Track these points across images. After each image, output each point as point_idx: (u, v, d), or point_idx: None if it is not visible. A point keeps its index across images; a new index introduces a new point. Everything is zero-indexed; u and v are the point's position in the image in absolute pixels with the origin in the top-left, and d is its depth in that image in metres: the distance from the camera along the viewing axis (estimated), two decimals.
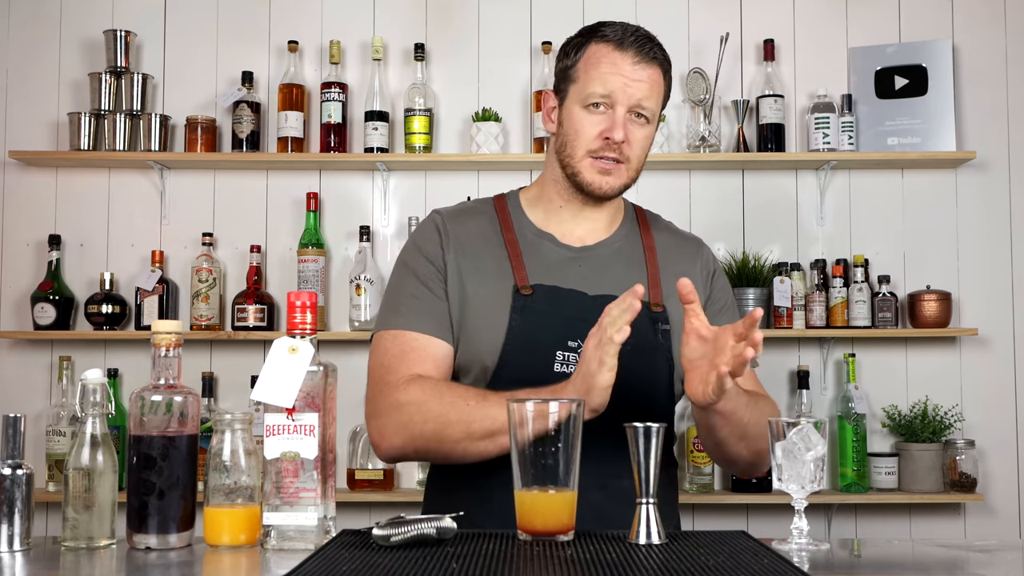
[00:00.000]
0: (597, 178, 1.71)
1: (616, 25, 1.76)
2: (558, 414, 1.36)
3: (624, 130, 1.68)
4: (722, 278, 1.91)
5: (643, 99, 1.70)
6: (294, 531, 1.38)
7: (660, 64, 1.74)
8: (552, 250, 1.76)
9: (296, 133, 3.22)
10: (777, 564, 1.22)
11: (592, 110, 1.70)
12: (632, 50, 1.71)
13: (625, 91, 1.69)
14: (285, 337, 1.43)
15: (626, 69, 1.70)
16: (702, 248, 1.92)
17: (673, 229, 1.93)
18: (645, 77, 1.70)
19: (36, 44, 3.34)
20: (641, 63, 1.71)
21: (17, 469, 1.41)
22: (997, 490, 3.24)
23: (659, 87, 1.74)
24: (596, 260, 1.76)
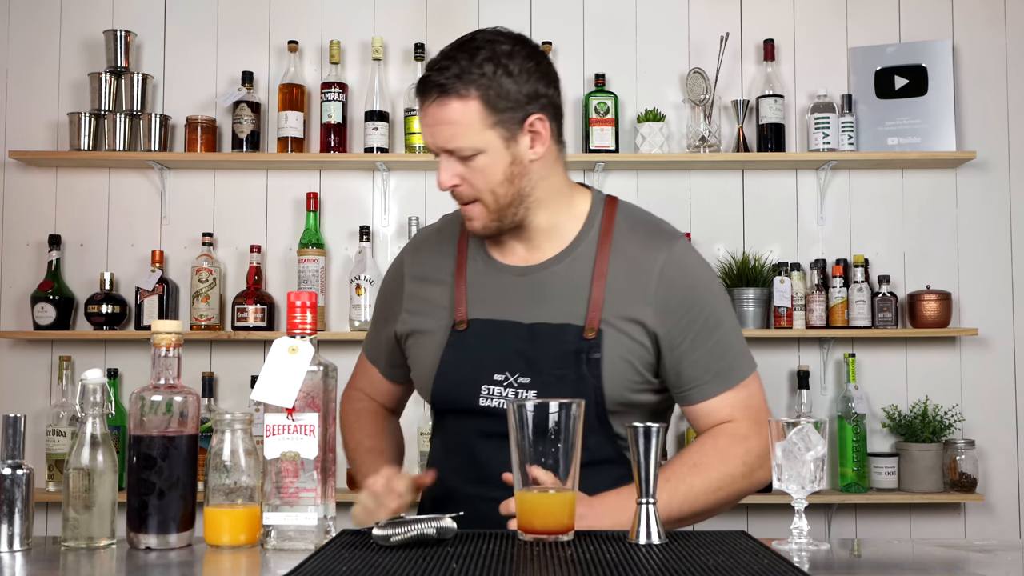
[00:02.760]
0: (468, 223, 1.68)
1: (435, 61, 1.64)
2: (558, 414, 1.36)
3: (448, 175, 1.63)
4: (696, 295, 1.67)
5: (446, 143, 1.60)
6: (294, 531, 1.38)
7: (455, 95, 1.58)
8: (496, 275, 1.72)
9: (296, 133, 3.22)
10: (777, 564, 1.22)
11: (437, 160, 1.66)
12: (421, 97, 1.62)
13: (432, 140, 1.63)
14: (285, 337, 1.44)
15: (424, 119, 1.63)
16: (667, 259, 1.68)
17: (642, 233, 1.72)
18: (439, 119, 1.60)
19: (36, 44, 3.34)
20: (431, 106, 1.60)
21: (17, 469, 1.41)
22: (997, 490, 3.24)
23: (463, 118, 1.59)
24: (536, 284, 1.69)
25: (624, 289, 1.65)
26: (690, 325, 1.65)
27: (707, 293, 1.69)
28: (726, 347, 1.68)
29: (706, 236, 3.29)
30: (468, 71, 1.59)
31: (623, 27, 3.34)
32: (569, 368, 1.62)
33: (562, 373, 1.61)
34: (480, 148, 1.60)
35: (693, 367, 1.66)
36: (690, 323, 1.65)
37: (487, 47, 1.63)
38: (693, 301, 1.66)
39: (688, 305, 1.66)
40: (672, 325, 1.65)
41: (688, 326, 1.65)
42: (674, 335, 1.65)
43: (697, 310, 1.66)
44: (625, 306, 1.64)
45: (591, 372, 1.62)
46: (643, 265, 1.67)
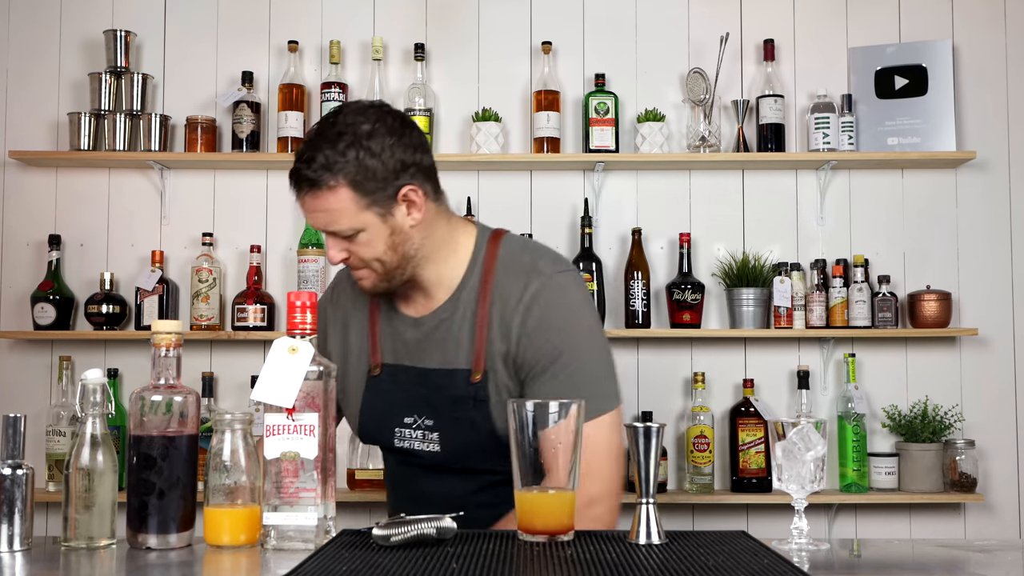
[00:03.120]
0: (360, 284, 1.78)
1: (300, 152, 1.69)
2: (558, 414, 1.36)
3: (337, 251, 1.71)
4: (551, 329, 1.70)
5: (327, 226, 1.69)
6: (294, 531, 1.38)
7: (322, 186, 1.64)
8: (398, 324, 1.83)
9: (296, 133, 3.22)
10: (777, 564, 1.22)
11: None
12: (295, 190, 1.69)
13: (314, 224, 1.72)
14: (285, 337, 1.44)
15: (302, 206, 1.70)
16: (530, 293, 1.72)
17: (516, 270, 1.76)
18: (316, 208, 1.67)
19: (36, 44, 3.34)
20: (307, 199, 1.68)
21: (17, 469, 1.41)
22: (997, 490, 3.24)
23: (338, 205, 1.65)
24: (429, 333, 1.79)
25: (498, 329, 1.73)
26: (540, 358, 1.70)
27: (564, 326, 1.71)
28: (578, 384, 1.69)
29: (706, 236, 3.29)
30: (333, 161, 1.64)
31: (623, 27, 3.34)
32: (462, 411, 1.74)
33: (458, 416, 1.74)
34: (358, 228, 1.68)
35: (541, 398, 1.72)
36: (541, 356, 1.70)
37: (348, 132, 1.67)
38: (547, 335, 1.70)
39: (542, 339, 1.70)
40: (527, 357, 1.71)
41: (538, 358, 1.70)
42: (529, 366, 1.71)
43: (550, 345, 1.70)
44: (499, 345, 1.72)
45: (480, 414, 1.72)
46: (511, 301, 1.73)
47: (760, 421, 3.11)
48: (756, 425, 3.11)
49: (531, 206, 3.29)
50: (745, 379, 3.20)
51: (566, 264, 1.81)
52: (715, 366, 3.26)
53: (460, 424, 1.74)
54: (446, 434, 1.76)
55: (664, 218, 3.29)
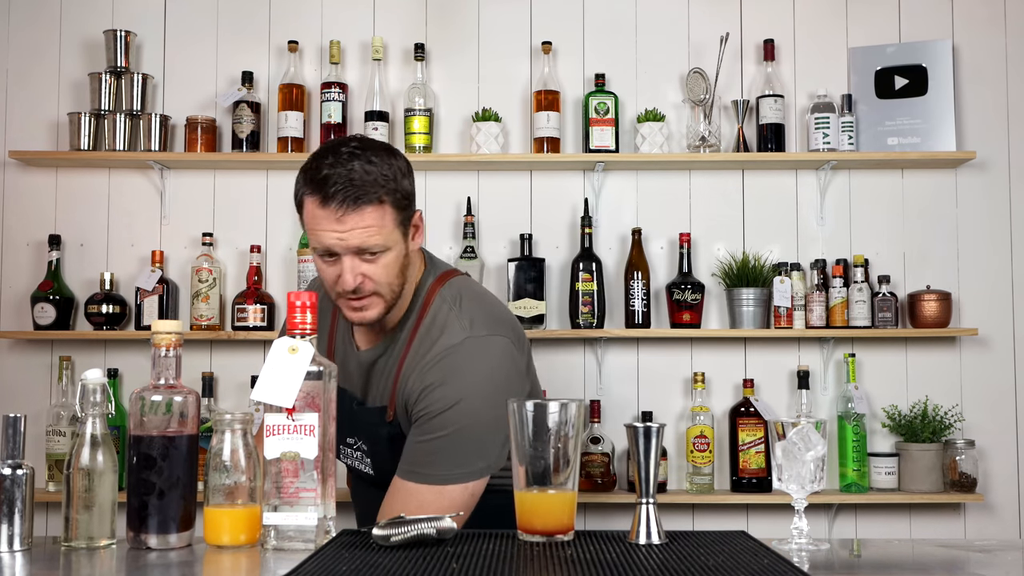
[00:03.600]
0: (353, 315, 1.77)
1: (327, 167, 1.68)
2: (558, 414, 1.36)
3: (354, 275, 1.71)
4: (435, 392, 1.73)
5: (362, 243, 1.69)
6: (294, 531, 1.38)
7: (372, 202, 1.68)
8: (349, 350, 1.91)
9: (296, 133, 3.22)
10: (777, 564, 1.22)
11: (325, 259, 1.73)
12: (334, 203, 1.67)
13: (341, 244, 1.69)
14: (285, 337, 1.43)
15: (333, 224, 1.68)
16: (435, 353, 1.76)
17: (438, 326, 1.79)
18: (357, 222, 1.68)
19: (36, 44, 3.34)
20: (349, 212, 1.67)
21: (17, 469, 1.41)
22: (997, 490, 3.24)
23: (380, 220, 1.69)
24: (361, 366, 1.88)
25: (408, 377, 1.78)
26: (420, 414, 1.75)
27: (451, 394, 1.72)
28: (439, 449, 1.73)
29: (706, 236, 3.29)
30: (384, 176, 1.69)
31: (623, 27, 3.34)
32: (382, 446, 1.84)
33: (380, 450, 1.86)
34: (389, 246, 1.72)
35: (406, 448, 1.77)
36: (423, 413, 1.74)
37: (384, 151, 1.73)
38: (432, 396, 1.73)
39: (428, 400, 1.74)
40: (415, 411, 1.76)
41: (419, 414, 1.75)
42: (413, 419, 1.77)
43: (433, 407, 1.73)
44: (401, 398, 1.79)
45: (394, 452, 1.81)
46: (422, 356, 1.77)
47: (760, 421, 3.11)
48: (756, 425, 3.11)
49: (531, 206, 3.29)
50: (745, 379, 3.20)
51: (490, 328, 1.79)
52: (715, 366, 3.26)
53: (385, 453, 1.85)
54: (376, 460, 1.88)
55: (664, 218, 3.29)
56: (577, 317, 3.14)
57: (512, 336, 1.82)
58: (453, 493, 1.71)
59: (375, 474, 1.90)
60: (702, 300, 3.17)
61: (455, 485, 1.72)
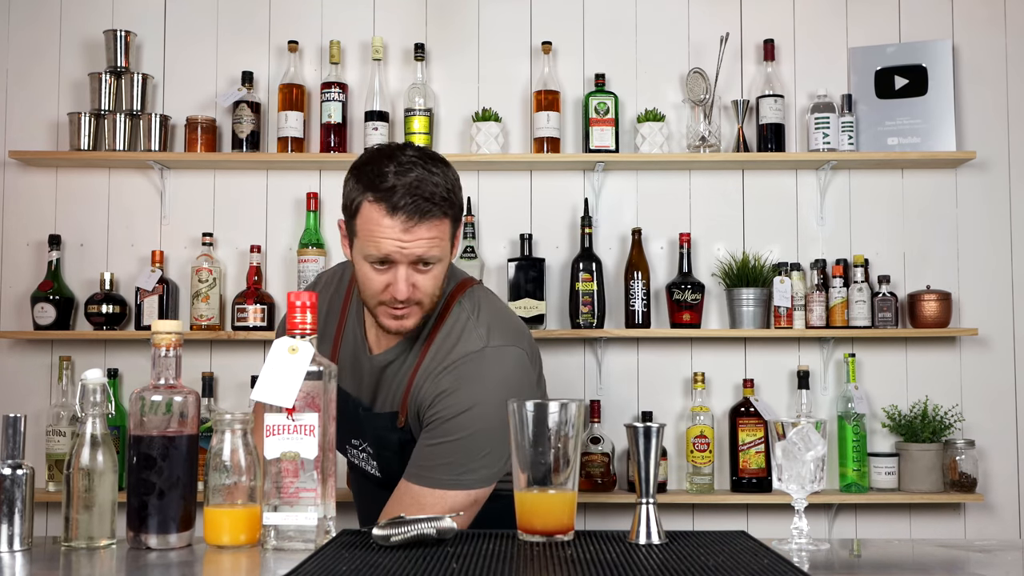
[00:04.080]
0: (392, 323, 1.77)
1: (389, 175, 1.68)
2: (558, 414, 1.36)
3: (407, 284, 1.71)
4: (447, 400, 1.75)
5: (423, 254, 1.70)
6: (294, 531, 1.38)
7: (438, 215, 1.70)
8: (355, 353, 1.90)
9: (296, 133, 3.22)
10: (777, 564, 1.22)
11: (376, 267, 1.72)
12: (403, 215, 1.67)
13: (402, 253, 1.70)
14: (285, 337, 1.43)
15: (399, 233, 1.68)
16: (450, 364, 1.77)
17: (454, 336, 1.80)
18: (422, 234, 1.69)
19: (36, 44, 3.34)
20: (416, 225, 1.68)
21: (17, 469, 1.41)
22: (997, 490, 3.24)
23: (441, 235, 1.72)
24: (375, 370, 1.87)
25: (422, 383, 1.79)
26: (432, 418, 1.76)
27: (464, 401, 1.74)
28: (447, 453, 1.74)
29: (706, 236, 3.29)
30: (452, 192, 1.72)
31: (623, 27, 3.34)
32: (392, 451, 1.86)
33: (388, 455, 1.87)
34: (443, 257, 1.75)
35: (416, 451, 1.79)
36: (431, 416, 1.76)
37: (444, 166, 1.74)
38: (446, 402, 1.75)
39: (440, 403, 1.75)
40: (427, 415, 1.78)
41: (431, 420, 1.77)
42: (424, 423, 1.78)
43: (446, 412, 1.75)
44: (414, 404, 1.80)
45: (404, 457, 1.82)
46: (438, 364, 1.78)
47: (760, 421, 3.11)
48: (756, 425, 3.11)
49: (531, 206, 3.29)
50: (745, 379, 3.20)
51: (507, 339, 1.81)
52: (715, 366, 3.26)
53: (393, 458, 1.87)
54: (383, 463, 1.90)
55: (664, 218, 3.29)
56: (577, 317, 3.14)
57: (527, 348, 1.85)
58: (457, 498, 1.73)
59: (381, 476, 1.92)
60: (702, 300, 3.17)
61: (460, 491, 1.73)
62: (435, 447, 1.74)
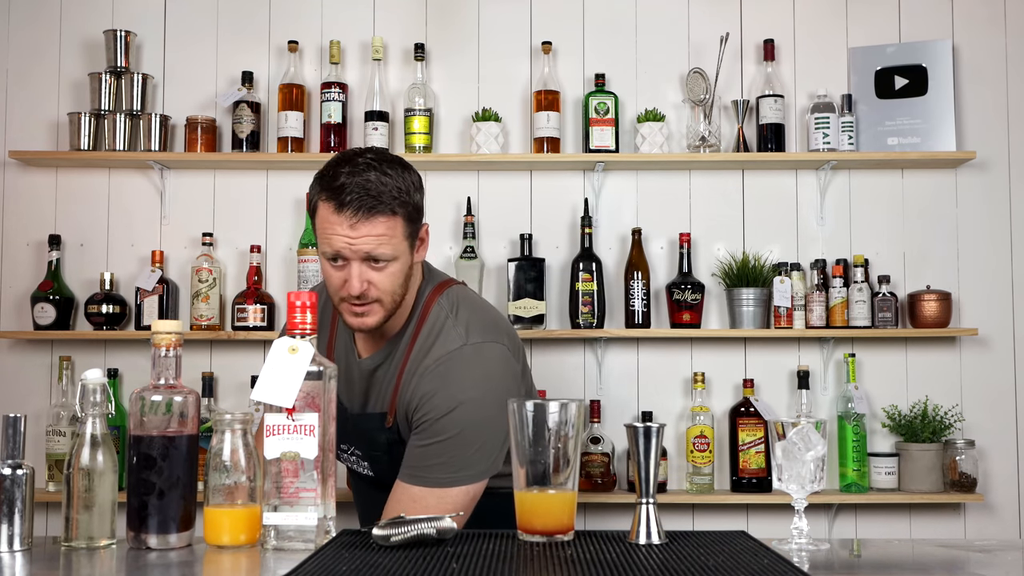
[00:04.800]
0: (354, 320, 1.81)
1: (342, 175, 1.75)
2: (558, 414, 1.36)
3: (361, 281, 1.75)
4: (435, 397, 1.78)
5: (372, 251, 1.75)
6: (294, 531, 1.38)
7: (385, 212, 1.74)
8: (347, 358, 1.94)
9: (296, 133, 3.22)
10: (777, 564, 1.22)
11: (332, 264, 1.78)
12: (350, 210, 1.73)
13: (351, 249, 1.75)
14: (285, 337, 1.43)
15: (346, 230, 1.74)
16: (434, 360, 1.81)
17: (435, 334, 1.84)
18: (369, 231, 1.74)
19: (36, 44, 3.34)
20: (363, 220, 1.73)
21: (17, 469, 1.41)
22: (997, 490, 3.24)
23: (391, 232, 1.75)
24: (363, 374, 1.91)
25: (408, 384, 1.82)
26: (422, 418, 1.79)
27: (449, 399, 1.77)
28: (439, 453, 1.77)
29: (706, 236, 3.29)
30: (401, 189, 1.75)
31: (623, 27, 3.34)
32: (381, 451, 1.88)
33: (378, 455, 1.90)
34: (397, 256, 1.77)
35: (408, 453, 1.81)
36: (424, 417, 1.79)
37: (400, 166, 1.80)
38: (435, 401, 1.78)
39: (428, 407, 1.78)
40: (416, 416, 1.81)
41: (420, 419, 1.79)
42: (414, 424, 1.81)
43: (432, 413, 1.78)
44: (402, 405, 1.83)
45: (393, 456, 1.86)
46: (422, 363, 1.82)
47: (760, 421, 3.11)
48: (756, 425, 3.11)
49: (531, 206, 3.29)
50: (745, 379, 3.20)
51: (486, 336, 1.84)
52: (715, 366, 3.26)
53: (382, 457, 1.90)
54: (375, 464, 1.94)
55: (664, 218, 3.29)
56: (577, 317, 3.14)
57: (508, 342, 1.88)
58: (455, 496, 1.76)
59: (375, 476, 1.96)
60: (702, 300, 3.17)
61: (456, 488, 1.76)
62: (427, 447, 1.77)
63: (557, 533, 1.36)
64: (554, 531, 1.36)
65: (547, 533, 1.36)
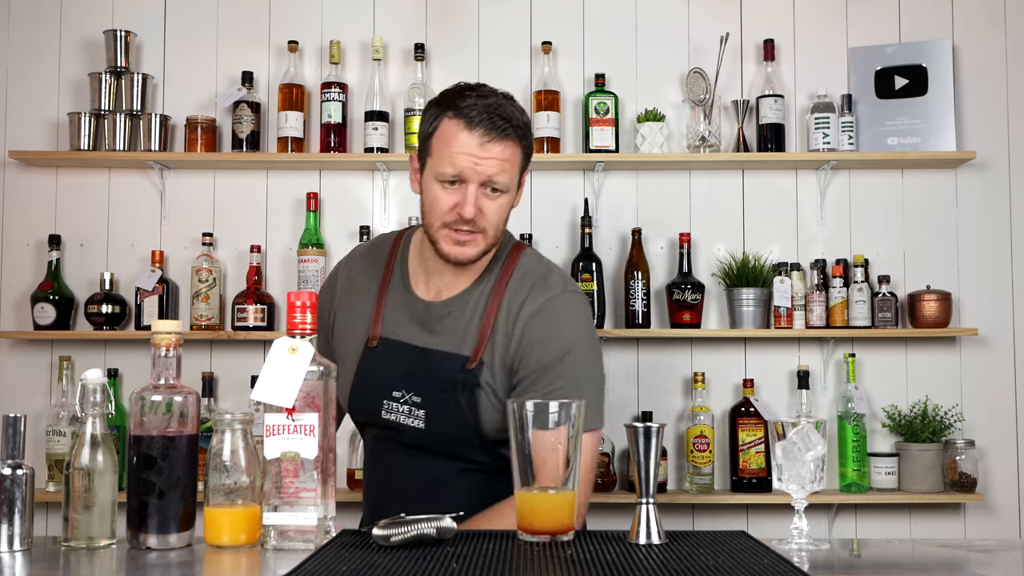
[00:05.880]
0: (453, 248, 1.79)
1: (470, 98, 1.77)
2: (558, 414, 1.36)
3: (476, 205, 1.75)
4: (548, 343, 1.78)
5: (494, 175, 1.75)
6: (294, 531, 1.38)
7: (513, 137, 1.77)
8: (408, 303, 1.88)
9: (296, 133, 3.22)
10: (777, 564, 1.22)
11: (445, 186, 1.76)
12: (481, 129, 1.74)
13: (475, 170, 1.74)
14: (285, 337, 1.43)
15: (474, 148, 1.74)
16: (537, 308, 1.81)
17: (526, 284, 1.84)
18: (495, 154, 1.74)
19: (36, 44, 3.34)
20: (491, 141, 1.74)
21: (17, 469, 1.41)
22: (997, 490, 3.24)
23: (512, 160, 1.77)
24: (437, 316, 1.85)
25: (502, 331, 1.80)
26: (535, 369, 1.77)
27: (562, 343, 1.79)
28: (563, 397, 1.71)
29: (706, 236, 3.29)
30: (527, 126, 1.80)
31: (623, 27, 3.34)
32: (451, 394, 1.79)
33: (445, 398, 1.80)
34: (509, 188, 1.79)
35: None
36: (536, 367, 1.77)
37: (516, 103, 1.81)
38: (545, 348, 1.78)
39: (540, 351, 1.78)
40: (523, 365, 1.78)
41: (533, 369, 1.77)
42: (523, 375, 1.78)
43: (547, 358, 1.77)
44: (500, 347, 1.79)
45: (468, 403, 1.78)
46: (519, 309, 1.81)
47: (760, 421, 3.11)
48: (756, 425, 3.11)
49: (531, 206, 3.29)
50: (745, 379, 3.20)
51: (575, 286, 1.90)
52: (715, 366, 3.26)
53: (447, 407, 1.80)
54: (432, 413, 1.81)
55: (664, 218, 3.29)
56: None
57: None
58: (587, 443, 1.72)
59: (425, 428, 1.82)
60: (702, 300, 3.17)
61: (590, 433, 1.76)
62: (551, 392, 1.75)
63: (557, 533, 1.36)
64: (554, 531, 1.36)
65: (547, 533, 1.36)
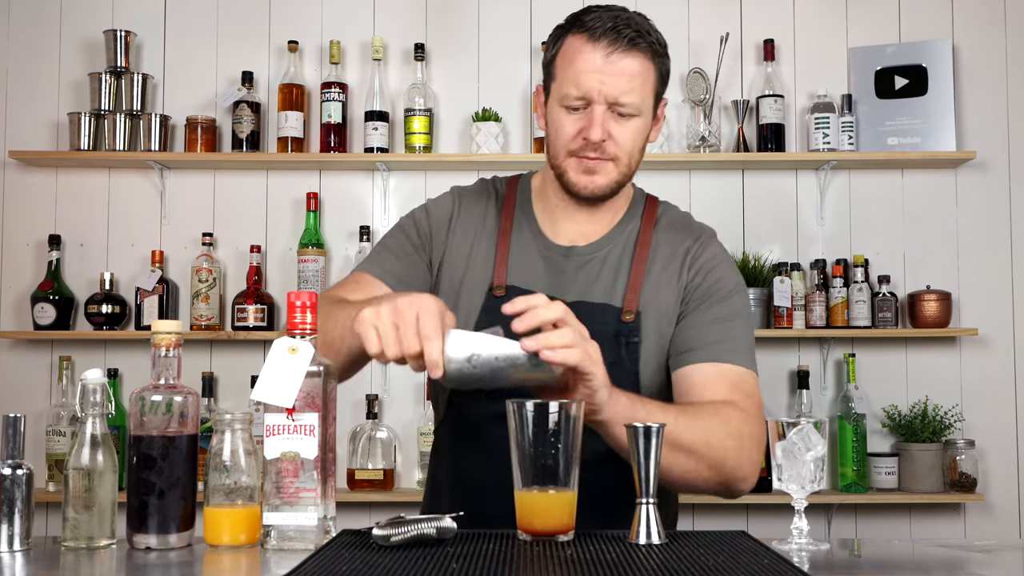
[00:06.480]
0: (582, 178, 1.64)
1: (596, 11, 1.63)
2: (558, 414, 1.36)
3: (603, 128, 1.59)
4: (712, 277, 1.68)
5: (621, 95, 1.59)
6: (294, 531, 1.38)
7: (644, 50, 1.61)
8: (538, 249, 1.71)
9: (296, 133, 3.22)
10: (777, 564, 1.22)
11: (571, 111, 1.62)
12: (606, 40, 1.59)
13: (600, 89, 1.58)
14: (285, 337, 1.43)
15: (599, 63, 1.58)
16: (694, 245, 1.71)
17: (679, 226, 1.75)
18: (623, 70, 1.59)
19: (36, 44, 3.34)
20: (616, 54, 1.59)
21: (17, 469, 1.40)
22: (997, 490, 3.24)
23: (644, 77, 1.61)
24: (577, 264, 1.69)
25: (657, 276, 1.67)
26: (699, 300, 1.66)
27: (724, 279, 1.69)
28: (729, 329, 1.65)
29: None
30: (658, 40, 1.65)
31: None
32: (607, 349, 1.48)
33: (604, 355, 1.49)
34: (640, 110, 1.62)
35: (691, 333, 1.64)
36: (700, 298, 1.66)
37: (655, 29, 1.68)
38: (708, 282, 1.67)
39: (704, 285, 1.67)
40: (687, 301, 1.67)
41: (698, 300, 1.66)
42: (686, 310, 1.66)
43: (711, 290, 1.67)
44: (658, 292, 1.66)
45: (629, 356, 1.63)
46: (675, 252, 1.70)
47: None
48: None
49: None
50: None
51: None
52: None
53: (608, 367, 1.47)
54: None
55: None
56: None
57: None
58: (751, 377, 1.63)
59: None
60: None
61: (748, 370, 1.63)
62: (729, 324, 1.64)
63: (557, 533, 1.36)
64: (554, 531, 1.36)
65: (547, 533, 1.35)
